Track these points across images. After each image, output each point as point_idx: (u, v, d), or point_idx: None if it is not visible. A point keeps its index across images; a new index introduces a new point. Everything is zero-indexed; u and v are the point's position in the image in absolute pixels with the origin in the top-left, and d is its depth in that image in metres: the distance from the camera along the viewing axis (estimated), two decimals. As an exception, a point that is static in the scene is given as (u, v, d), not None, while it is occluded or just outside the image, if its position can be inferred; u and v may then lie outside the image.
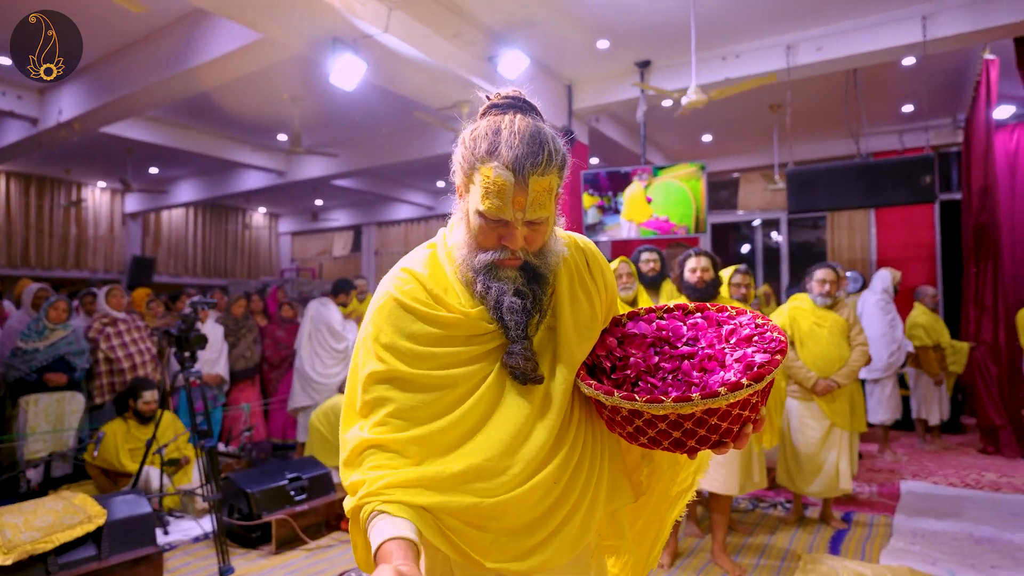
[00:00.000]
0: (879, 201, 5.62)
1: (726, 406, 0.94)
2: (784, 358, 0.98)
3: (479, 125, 1.06)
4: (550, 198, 1.03)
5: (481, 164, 1.02)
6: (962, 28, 5.12)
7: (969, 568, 3.28)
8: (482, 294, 1.05)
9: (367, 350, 1.08)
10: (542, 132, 1.03)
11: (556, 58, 6.39)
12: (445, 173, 5.03)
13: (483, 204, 1.01)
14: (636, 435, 1.01)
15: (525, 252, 1.06)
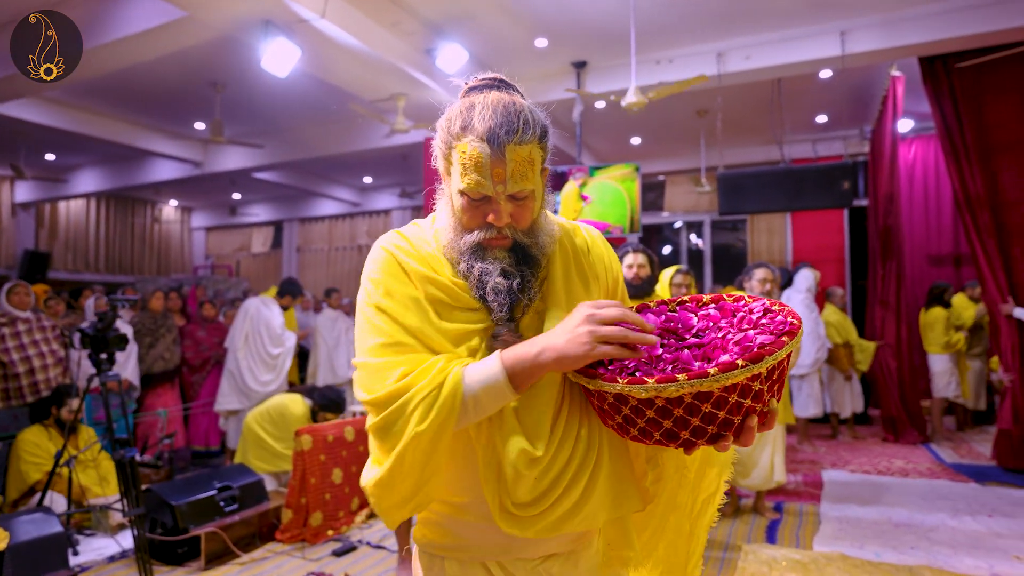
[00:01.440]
0: (802, 205, 5.92)
1: (719, 390, 0.84)
2: (793, 340, 0.88)
3: (454, 106, 1.04)
4: (531, 169, 0.98)
5: (456, 141, 0.99)
6: (876, 45, 5.46)
7: (892, 550, 3.49)
8: (464, 273, 1.02)
9: (362, 297, 1.05)
10: (516, 103, 1.00)
11: (494, 54, 6.33)
12: (374, 168, 4.92)
13: (463, 182, 0.98)
14: (626, 426, 0.93)
15: (513, 230, 1.02)
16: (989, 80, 5.36)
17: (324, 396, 4.50)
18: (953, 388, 6.31)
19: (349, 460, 4.00)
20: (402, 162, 10.01)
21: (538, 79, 6.90)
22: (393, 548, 3.55)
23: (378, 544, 3.64)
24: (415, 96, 6.00)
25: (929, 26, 5.22)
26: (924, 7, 5.22)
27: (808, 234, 9.30)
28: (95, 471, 4.01)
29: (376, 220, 12.89)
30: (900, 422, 6.32)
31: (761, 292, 3.91)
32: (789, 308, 0.97)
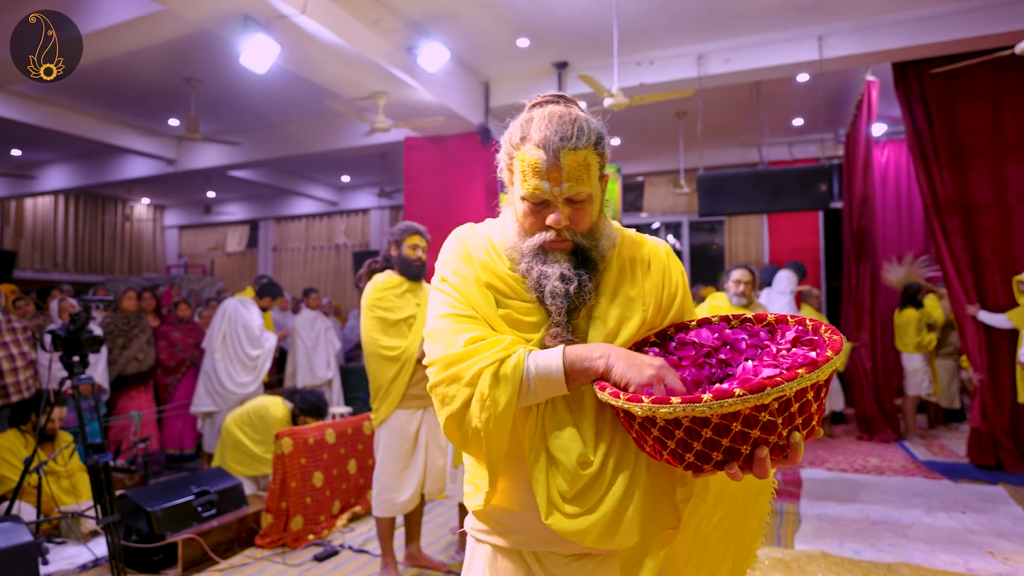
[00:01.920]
0: (780, 206, 5.99)
1: (716, 419, 0.85)
2: (813, 372, 0.86)
3: (515, 121, 1.13)
4: (587, 174, 1.05)
5: (516, 151, 1.08)
6: (852, 50, 5.55)
7: (871, 547, 3.54)
8: (525, 274, 1.10)
9: (436, 278, 1.18)
10: (571, 113, 1.07)
11: (475, 54, 6.30)
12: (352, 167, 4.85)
13: (523, 187, 1.06)
14: (639, 441, 0.98)
15: (572, 232, 1.08)
16: (960, 86, 5.48)
17: (305, 400, 4.43)
18: (926, 387, 6.44)
19: (330, 463, 3.95)
20: (381, 161, 9.92)
21: (519, 79, 6.89)
22: (375, 552, 3.50)
23: (360, 548, 3.59)
24: (396, 94, 5.94)
25: (903, 32, 5.32)
26: (899, 14, 5.32)
27: (784, 235, 9.43)
28: (68, 480, 3.89)
29: (354, 219, 12.77)
30: (874, 421, 6.44)
31: (736, 293, 3.95)
32: (836, 339, 0.94)
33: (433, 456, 3.11)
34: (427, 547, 3.56)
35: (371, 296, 2.98)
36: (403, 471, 3.05)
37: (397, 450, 3.01)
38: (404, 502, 3.05)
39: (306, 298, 6.72)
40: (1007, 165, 5.39)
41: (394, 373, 2.95)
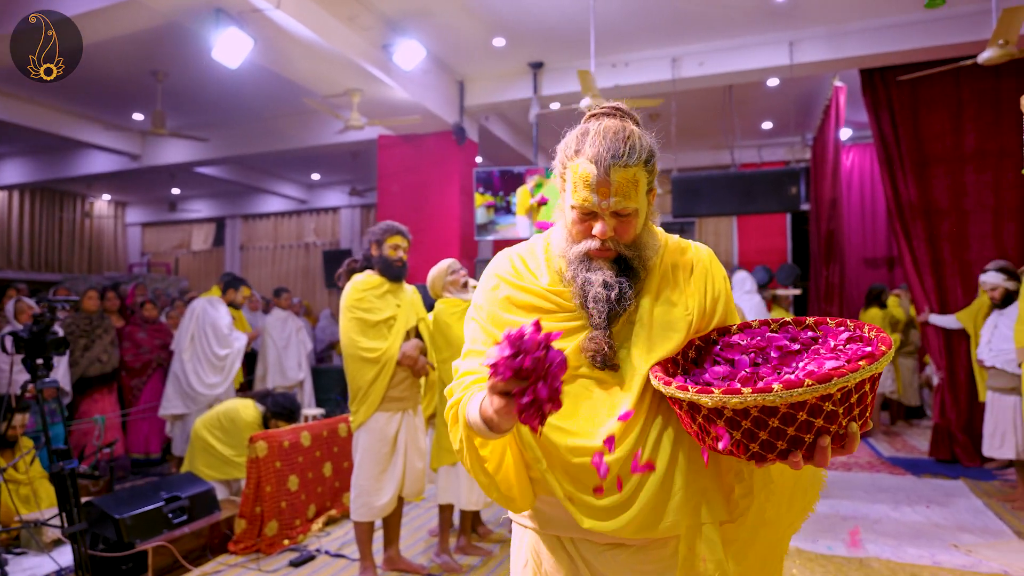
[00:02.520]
0: (752, 208, 6.09)
1: (785, 407, 0.88)
2: (873, 364, 0.89)
3: (573, 131, 1.17)
4: (635, 190, 1.09)
5: (570, 162, 1.12)
6: (822, 56, 5.68)
7: (842, 543, 3.62)
8: (570, 280, 1.15)
9: (471, 312, 1.26)
10: (625, 129, 1.11)
11: (451, 53, 6.27)
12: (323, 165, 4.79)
13: (573, 198, 1.12)
14: (701, 434, 1.00)
15: (616, 243, 1.13)
16: (924, 94, 5.64)
17: (277, 403, 4.35)
18: (890, 384, 6.63)
19: (305, 466, 3.88)
20: (352, 159, 9.80)
21: (495, 78, 6.88)
22: (352, 556, 3.45)
23: (337, 553, 3.53)
24: (371, 92, 5.87)
25: (871, 40, 5.46)
26: (867, 21, 5.46)
27: (753, 237, 9.60)
28: (28, 487, 3.74)
29: (324, 218, 12.59)
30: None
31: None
32: (883, 335, 0.98)
33: (412, 459, 3.08)
34: (405, 550, 3.53)
35: (351, 296, 2.93)
36: (382, 474, 3.01)
37: (376, 453, 2.97)
38: (383, 505, 3.01)
39: (277, 298, 6.60)
40: (965, 172, 5.58)
41: (374, 375, 2.91)
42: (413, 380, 3.07)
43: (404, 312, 3.04)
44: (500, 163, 9.05)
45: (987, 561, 3.35)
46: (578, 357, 1.13)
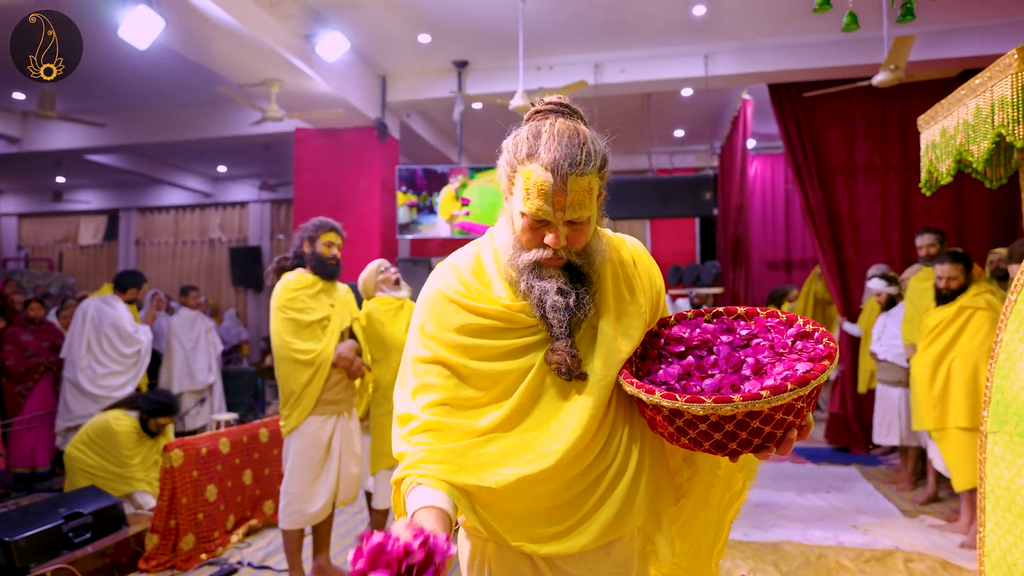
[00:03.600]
0: (669, 212, 6.36)
1: (768, 410, 0.94)
2: (832, 363, 0.98)
3: (521, 130, 1.11)
4: (590, 198, 1.06)
5: (521, 166, 1.06)
6: (735, 69, 6.01)
7: (756, 528, 3.85)
8: (525, 292, 1.10)
9: (415, 338, 1.16)
10: (580, 134, 1.06)
11: (375, 47, 6.12)
12: (230, 157, 4.63)
13: (525, 205, 1.05)
14: (677, 435, 1.02)
15: (567, 251, 1.09)
16: (823, 110, 6.11)
17: (151, 400, 4.09)
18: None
19: (224, 474, 3.67)
20: (264, 152, 9.37)
21: (419, 75, 6.79)
22: (278, 567, 3.30)
23: (261, 564, 3.37)
24: (290, 83, 5.63)
25: (780, 56, 5.84)
26: (776, 40, 5.83)
27: (665, 240, 10.01)
28: None
29: (231, 213, 11.95)
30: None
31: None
32: (824, 330, 1.07)
33: (347, 463, 2.98)
34: (335, 557, 3.41)
35: (282, 296, 2.80)
36: (314, 480, 2.89)
37: (309, 458, 2.86)
38: (315, 512, 2.90)
39: (184, 297, 6.20)
40: (858, 183, 6.10)
41: (307, 378, 2.79)
42: (348, 382, 2.98)
43: (338, 312, 2.94)
44: (421, 161, 8.93)
45: (881, 539, 3.67)
46: (543, 371, 1.10)
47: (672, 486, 1.18)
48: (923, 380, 3.75)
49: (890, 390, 4.73)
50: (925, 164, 2.80)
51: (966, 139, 2.43)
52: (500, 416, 1.08)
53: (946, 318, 3.65)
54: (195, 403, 5.94)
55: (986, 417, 2.06)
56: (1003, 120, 2.19)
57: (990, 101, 2.27)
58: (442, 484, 1.03)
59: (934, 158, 2.72)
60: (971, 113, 2.40)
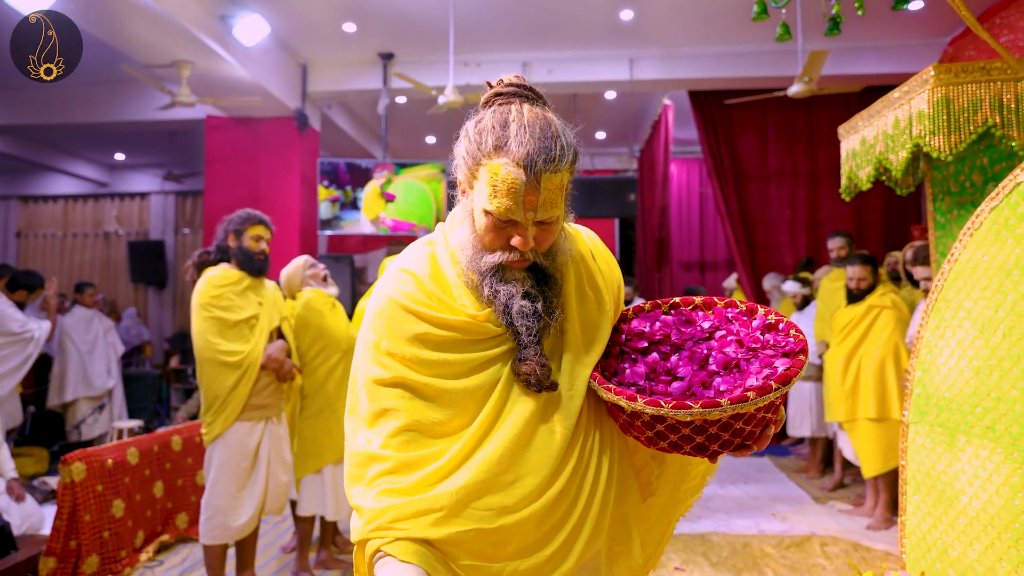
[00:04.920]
0: (595, 212, 6.47)
1: (753, 410, 0.93)
2: (807, 357, 0.97)
3: (484, 116, 0.99)
4: (561, 196, 0.97)
5: (487, 160, 0.95)
6: (658, 75, 6.19)
7: (683, 520, 3.95)
8: (489, 298, 1.00)
9: (368, 356, 1.02)
10: (552, 124, 0.96)
11: (298, 32, 5.85)
12: (129, 144, 4.40)
13: (491, 204, 0.95)
14: (656, 439, 0.99)
15: (534, 252, 1.00)
16: (739, 118, 6.42)
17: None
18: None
19: (132, 488, 3.37)
20: (169, 140, 8.75)
21: (342, 66, 6.55)
22: (196, 585, 3.07)
23: (175, 583, 3.12)
24: (203, 66, 5.27)
25: (701, 64, 6.07)
26: (698, 48, 6.04)
27: (587, 240, 10.19)
28: None
29: (129, 205, 11.09)
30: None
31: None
32: (788, 320, 1.04)
33: (276, 472, 2.81)
34: (258, 570, 3.21)
35: (206, 293, 2.60)
36: (240, 491, 2.71)
37: (235, 468, 2.67)
38: (241, 526, 2.71)
39: (79, 294, 5.68)
40: (770, 188, 6.44)
41: (234, 381, 2.60)
42: (278, 385, 2.80)
43: (267, 310, 2.77)
44: (342, 155, 8.64)
45: (798, 525, 3.87)
46: (509, 384, 1.00)
47: (638, 484, 1.13)
48: (835, 374, 3.99)
49: (803, 384, 5.01)
50: (846, 171, 2.98)
51: (886, 148, 2.59)
52: (470, 441, 0.97)
53: (856, 316, 3.89)
54: (92, 410, 5.45)
55: (908, 408, 2.21)
56: (920, 132, 2.35)
57: (908, 114, 2.43)
58: (415, 552, 0.92)
59: (854, 165, 2.89)
60: (890, 124, 2.56)
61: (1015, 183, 1.73)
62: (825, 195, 6.48)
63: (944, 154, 2.26)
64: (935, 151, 2.28)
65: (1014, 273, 1.71)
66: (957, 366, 1.91)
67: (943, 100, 2.27)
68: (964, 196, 2.67)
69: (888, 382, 3.72)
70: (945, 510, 1.95)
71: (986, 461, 1.78)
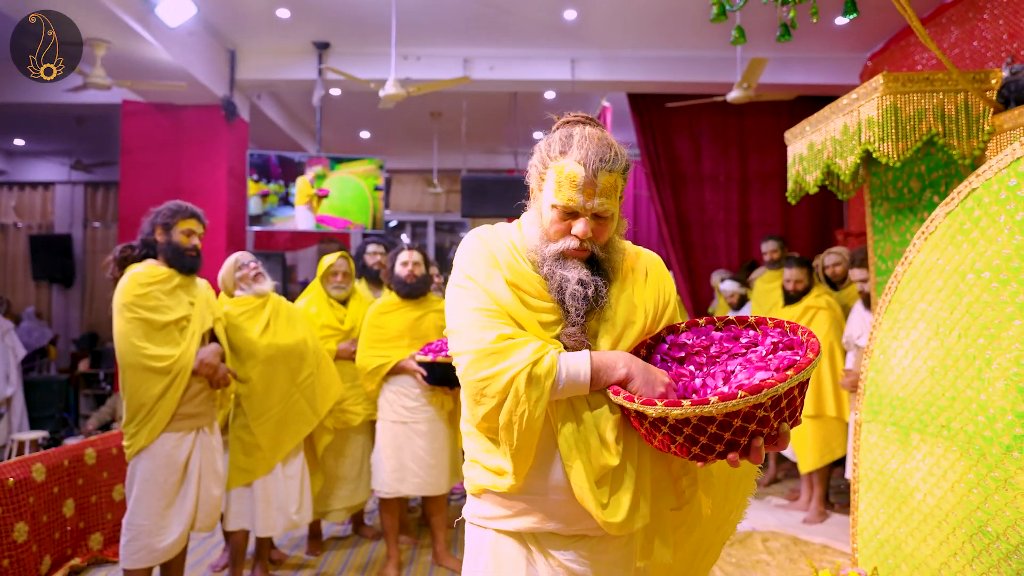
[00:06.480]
0: (536, 213, 6.42)
1: (721, 416, 0.98)
2: (799, 374, 0.98)
3: (553, 134, 1.22)
4: (614, 194, 1.17)
5: (554, 162, 1.17)
6: (599, 76, 6.22)
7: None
8: (547, 277, 1.18)
9: (469, 293, 1.19)
10: (608, 138, 1.19)
11: (228, 16, 5.51)
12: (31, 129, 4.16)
13: (556, 197, 1.16)
14: (649, 437, 1.10)
15: (592, 243, 1.18)
16: (675, 122, 6.55)
17: None
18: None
19: (39, 508, 3.04)
20: (78, 125, 8.09)
21: (274, 54, 6.24)
22: (114, 613, 2.80)
23: (90, 611, 2.83)
24: (121, 47, 4.87)
25: (640, 68, 6.14)
26: (638, 51, 6.11)
27: (524, 240, 10.19)
28: None
29: (31, 195, 10.20)
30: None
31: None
32: (813, 340, 1.09)
33: (207, 485, 2.59)
34: (186, 594, 2.96)
35: (130, 292, 2.36)
36: (167, 508, 2.47)
37: (162, 483, 2.43)
38: (168, 547, 2.48)
39: (-28, 293, 5.13)
40: (705, 191, 6.61)
41: (162, 388, 2.37)
42: (210, 392, 2.58)
43: (199, 311, 2.54)
44: (271, 148, 8.24)
45: (738, 522, 3.95)
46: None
47: (675, 490, 1.25)
48: (773, 373, 4.09)
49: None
50: (793, 175, 3.04)
51: (834, 153, 2.66)
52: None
53: (793, 317, 4.01)
54: (-12, 421, 4.94)
55: (860, 407, 2.25)
56: (870, 138, 2.41)
57: (857, 120, 2.50)
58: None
59: (801, 169, 2.96)
60: (839, 130, 2.63)
61: (970, 189, 1.78)
62: (756, 199, 6.72)
63: (892, 160, 2.33)
64: (884, 157, 2.35)
65: (968, 276, 1.76)
66: (912, 366, 1.96)
67: (891, 108, 2.34)
68: (902, 202, 2.78)
69: (824, 381, 3.85)
70: (899, 507, 2.00)
71: (940, 459, 1.83)
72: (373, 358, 3.14)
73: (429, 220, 10.78)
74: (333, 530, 3.89)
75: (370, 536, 3.74)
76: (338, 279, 3.49)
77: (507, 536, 1.22)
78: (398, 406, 3.13)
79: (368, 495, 3.55)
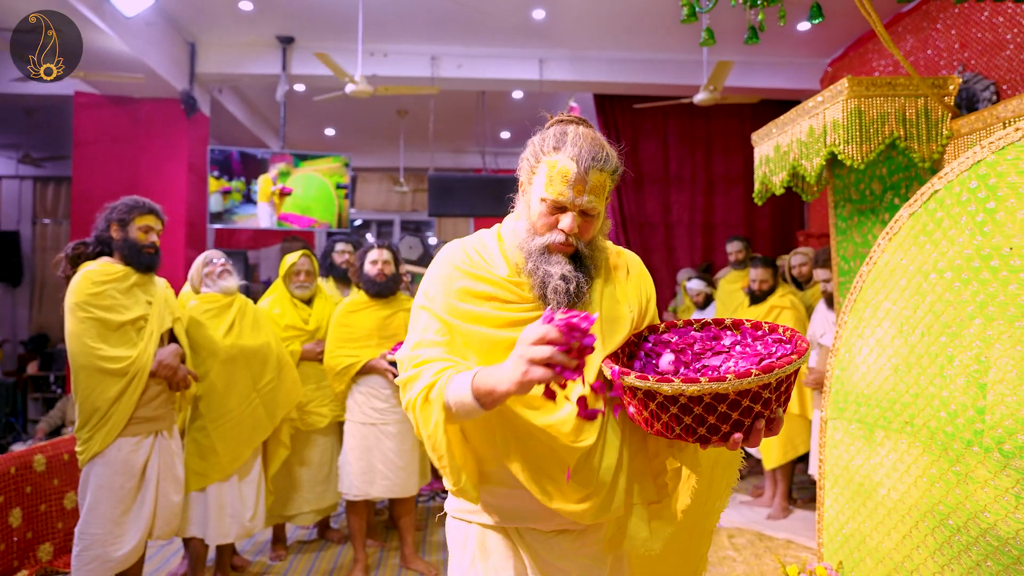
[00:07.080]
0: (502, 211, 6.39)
1: (734, 394, 0.98)
2: (801, 359, 1.03)
3: (547, 131, 1.24)
4: (603, 195, 1.19)
5: (547, 156, 1.19)
6: (567, 76, 6.24)
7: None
8: (531, 272, 1.20)
9: (420, 301, 1.25)
10: (601, 139, 1.22)
11: (185, 7, 5.34)
12: None
13: (546, 190, 1.18)
14: (652, 420, 1.08)
15: (577, 239, 1.20)
16: (641, 123, 6.61)
17: None
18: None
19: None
20: (26, 118, 7.76)
21: (236, 47, 6.08)
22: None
23: (41, 624, 2.70)
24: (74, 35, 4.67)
25: (607, 69, 6.18)
26: (605, 52, 6.15)
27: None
28: None
29: (-26, 190, 9.75)
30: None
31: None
32: (799, 336, 1.13)
33: (166, 491, 2.50)
34: (142, 605, 2.86)
35: (84, 290, 2.25)
36: (123, 516, 2.38)
37: (118, 490, 2.33)
38: (123, 556, 2.38)
39: (-89, 292, 4.87)
40: (671, 192, 6.68)
41: (118, 391, 2.27)
42: (169, 394, 2.49)
43: (157, 310, 2.45)
44: (234, 144, 8.04)
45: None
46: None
47: (652, 483, 1.27)
48: (738, 372, 4.16)
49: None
50: (759, 176, 3.08)
51: (800, 155, 2.70)
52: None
53: (758, 316, 4.08)
54: (-72, 426, 4.69)
55: (826, 405, 2.29)
56: (835, 140, 2.46)
57: (823, 123, 2.54)
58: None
59: (768, 171, 3.00)
60: (804, 132, 2.67)
61: (932, 191, 1.82)
62: (720, 200, 6.82)
63: (856, 162, 2.38)
64: (849, 159, 2.40)
65: (931, 276, 1.81)
66: (876, 364, 2.00)
67: (856, 111, 2.39)
68: (864, 203, 2.84)
69: (787, 379, 3.92)
70: (863, 502, 2.04)
71: (904, 454, 1.87)
72: (342, 358, 3.07)
73: (395, 219, 10.66)
74: (298, 534, 3.80)
75: (336, 540, 3.67)
76: (301, 278, 3.41)
77: (493, 530, 1.26)
78: (367, 408, 3.07)
79: (337, 498, 3.48)
